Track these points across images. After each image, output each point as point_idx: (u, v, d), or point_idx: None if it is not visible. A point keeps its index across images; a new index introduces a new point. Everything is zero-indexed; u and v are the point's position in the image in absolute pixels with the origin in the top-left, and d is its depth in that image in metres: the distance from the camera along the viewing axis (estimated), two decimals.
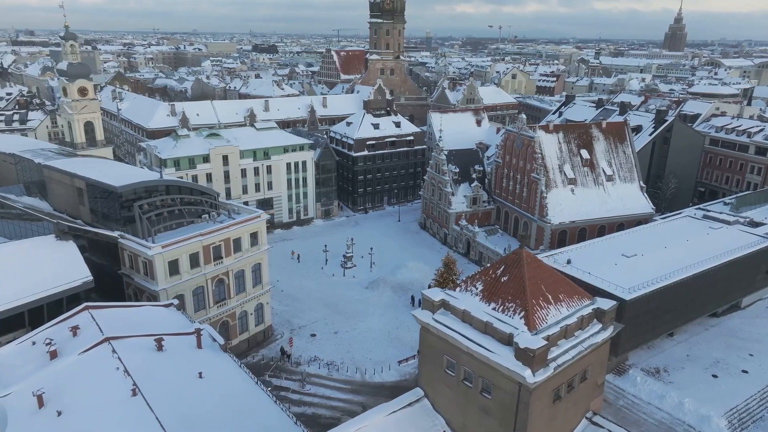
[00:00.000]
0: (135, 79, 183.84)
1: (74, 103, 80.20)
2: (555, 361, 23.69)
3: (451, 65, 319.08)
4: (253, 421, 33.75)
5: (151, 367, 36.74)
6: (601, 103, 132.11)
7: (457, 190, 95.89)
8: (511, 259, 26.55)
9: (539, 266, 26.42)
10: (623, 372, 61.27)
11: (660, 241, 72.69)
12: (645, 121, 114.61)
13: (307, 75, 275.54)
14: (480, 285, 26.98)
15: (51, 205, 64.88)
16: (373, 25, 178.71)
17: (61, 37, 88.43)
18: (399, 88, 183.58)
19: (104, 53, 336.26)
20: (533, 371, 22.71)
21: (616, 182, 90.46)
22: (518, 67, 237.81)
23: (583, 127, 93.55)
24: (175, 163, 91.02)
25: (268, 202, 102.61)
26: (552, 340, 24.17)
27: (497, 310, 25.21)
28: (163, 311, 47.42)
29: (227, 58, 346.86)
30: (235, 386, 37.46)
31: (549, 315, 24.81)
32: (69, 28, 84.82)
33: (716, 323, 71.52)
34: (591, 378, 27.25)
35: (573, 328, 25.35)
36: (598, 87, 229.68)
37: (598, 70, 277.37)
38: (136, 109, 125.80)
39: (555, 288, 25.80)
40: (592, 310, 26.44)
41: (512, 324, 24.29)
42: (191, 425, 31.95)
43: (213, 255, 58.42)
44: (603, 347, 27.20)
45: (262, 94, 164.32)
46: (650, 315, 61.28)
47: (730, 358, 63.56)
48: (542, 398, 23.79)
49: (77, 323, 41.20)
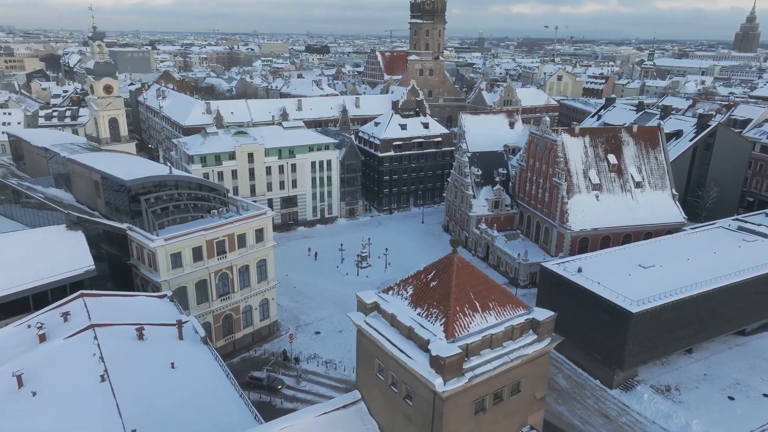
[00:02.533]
0: (180, 78, 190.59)
1: (100, 100, 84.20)
2: (473, 371, 22.87)
3: (499, 66, 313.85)
4: (211, 413, 34.39)
5: (126, 355, 38.07)
6: (642, 107, 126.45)
7: (479, 192, 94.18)
8: (442, 263, 25.81)
9: (471, 273, 25.54)
10: (630, 387, 58.59)
11: (683, 253, 69.01)
12: (687, 125, 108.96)
13: (353, 75, 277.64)
14: (410, 289, 26.42)
15: (74, 197, 68.34)
16: (413, 26, 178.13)
17: (89, 37, 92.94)
18: (438, 89, 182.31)
19: (162, 53, 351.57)
20: (444, 380, 22.00)
21: (646, 189, 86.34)
22: (564, 68, 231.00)
23: (611, 131, 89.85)
24: (202, 159, 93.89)
25: (292, 200, 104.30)
26: (472, 349, 23.31)
27: (422, 316, 24.60)
28: (156, 302, 48.99)
29: (277, 58, 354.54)
30: (205, 378, 38.31)
31: (472, 323, 23.93)
32: (97, 29, 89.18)
33: (743, 342, 67.25)
34: (526, 391, 26.11)
35: (500, 338, 24.37)
36: (650, 90, 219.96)
37: (651, 72, 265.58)
38: (176, 107, 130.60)
39: (486, 296, 24.84)
40: (525, 320, 25.33)
41: (432, 330, 23.63)
42: (149, 413, 32.89)
43: (216, 249, 59.87)
44: (541, 359, 25.99)
45: (301, 94, 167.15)
46: (662, 329, 58.24)
47: (752, 380, 59.65)
48: (460, 408, 22.99)
49: (69, 310, 43.22)
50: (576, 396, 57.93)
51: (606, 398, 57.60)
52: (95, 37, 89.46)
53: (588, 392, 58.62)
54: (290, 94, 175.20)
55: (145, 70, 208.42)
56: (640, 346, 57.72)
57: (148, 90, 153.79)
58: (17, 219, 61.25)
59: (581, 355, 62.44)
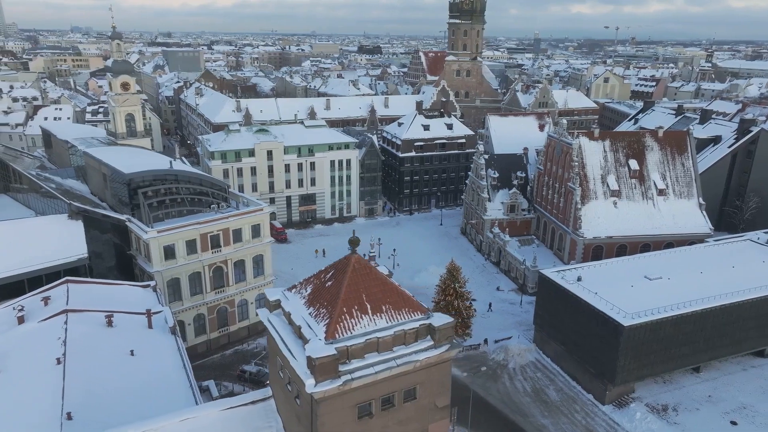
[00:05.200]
0: (220, 78, 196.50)
1: (117, 96, 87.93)
2: (350, 374, 22.25)
3: (549, 68, 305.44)
4: (155, 400, 35.14)
5: (89, 340, 39.56)
6: (681, 110, 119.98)
7: (495, 196, 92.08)
8: (341, 263, 25.26)
9: (369, 274, 24.84)
10: (624, 405, 55.78)
11: (698, 265, 65.11)
12: (727, 131, 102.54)
13: (398, 75, 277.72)
14: (310, 288, 26.07)
15: (89, 188, 71.74)
16: (451, 26, 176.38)
17: (109, 36, 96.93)
18: (475, 90, 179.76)
19: (216, 53, 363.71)
20: (316, 381, 21.58)
21: (670, 197, 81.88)
22: (612, 70, 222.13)
23: (634, 135, 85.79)
24: (222, 155, 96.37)
25: (310, 198, 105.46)
26: (354, 351, 22.67)
27: (311, 315, 24.22)
28: (139, 291, 50.71)
29: (326, 58, 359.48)
30: (161, 366, 39.27)
31: (358, 325, 23.23)
32: (115, 29, 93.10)
33: (760, 364, 62.70)
34: (424, 399, 25.16)
35: (389, 342, 23.60)
36: (706, 93, 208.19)
37: (709, 75, 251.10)
38: (209, 105, 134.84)
39: (381, 298, 24.06)
40: (419, 325, 24.42)
41: (315, 330, 23.21)
42: (92, 397, 34.02)
43: (211, 243, 61.30)
44: (441, 367, 24.98)
45: (337, 93, 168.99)
46: (661, 345, 55.15)
47: (760, 405, 55.52)
48: (339, 411, 22.43)
49: (51, 295, 45.39)
50: (564, 410, 55.62)
51: (596, 414, 55.00)
52: (114, 36, 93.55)
53: (578, 406, 56.16)
54: (327, 93, 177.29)
55: (194, 69, 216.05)
56: (636, 361, 54.79)
57: (189, 88, 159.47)
58: (32, 207, 64.94)
59: (576, 367, 59.96)
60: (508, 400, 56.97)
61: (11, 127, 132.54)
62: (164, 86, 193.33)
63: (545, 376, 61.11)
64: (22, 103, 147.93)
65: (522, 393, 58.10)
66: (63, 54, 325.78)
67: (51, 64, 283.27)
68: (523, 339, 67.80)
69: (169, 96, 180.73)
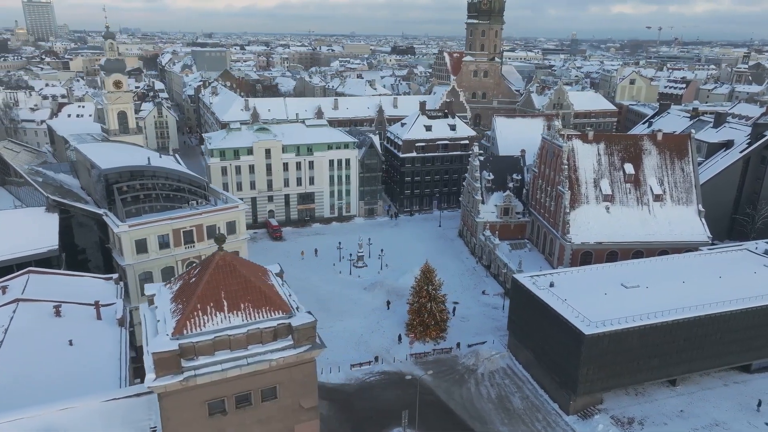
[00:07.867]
0: (239, 78, 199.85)
1: (109, 94, 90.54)
2: (194, 371, 22.20)
3: (580, 69, 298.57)
4: (80, 390, 35.91)
5: (32, 330, 40.83)
6: (697, 114, 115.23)
7: (489, 198, 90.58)
8: (206, 261, 25.24)
9: (231, 272, 24.66)
10: (588, 416, 54.01)
11: (681, 274, 62.54)
12: (740, 135, 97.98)
13: (424, 76, 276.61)
14: (179, 284, 26.17)
15: (80, 183, 74.13)
16: (470, 26, 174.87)
17: (102, 36, 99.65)
18: (492, 91, 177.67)
19: (247, 53, 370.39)
20: (156, 375, 21.67)
21: (667, 203, 78.80)
22: (638, 71, 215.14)
23: (631, 138, 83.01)
24: (221, 153, 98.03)
25: (309, 197, 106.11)
26: (201, 348, 22.61)
27: (171, 311, 24.34)
28: (101, 283, 52.01)
29: (355, 58, 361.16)
30: (97, 357, 40.12)
31: (209, 322, 23.12)
32: (109, 29, 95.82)
33: (744, 380, 59.66)
34: (287, 399, 24.86)
35: (242, 341, 23.43)
36: (740, 95, 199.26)
37: (746, 77, 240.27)
38: (221, 103, 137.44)
39: (240, 296, 23.87)
40: (277, 324, 24.13)
41: (168, 326, 23.31)
42: (18, 384, 35.07)
43: (184, 238, 62.40)
44: (303, 367, 24.63)
45: (354, 93, 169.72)
46: (627, 356, 53.19)
47: (735, 423, 52.85)
48: (186, 407, 22.41)
49: (9, 284, 47.07)
50: (526, 418, 54.20)
51: (558, 424, 53.39)
52: (107, 36, 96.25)
53: (541, 416, 54.64)
54: (345, 93, 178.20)
55: (219, 69, 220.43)
56: (600, 371, 52.96)
57: (207, 87, 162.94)
58: (23, 200, 67.56)
59: (544, 375, 58.38)
60: (470, 405, 55.91)
61: (37, 123, 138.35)
62: (188, 85, 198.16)
63: (513, 383, 59.71)
64: (49, 101, 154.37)
65: (485, 399, 56.94)
66: (100, 54, 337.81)
67: (89, 64, 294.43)
68: (498, 344, 66.45)
69: (191, 95, 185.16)
